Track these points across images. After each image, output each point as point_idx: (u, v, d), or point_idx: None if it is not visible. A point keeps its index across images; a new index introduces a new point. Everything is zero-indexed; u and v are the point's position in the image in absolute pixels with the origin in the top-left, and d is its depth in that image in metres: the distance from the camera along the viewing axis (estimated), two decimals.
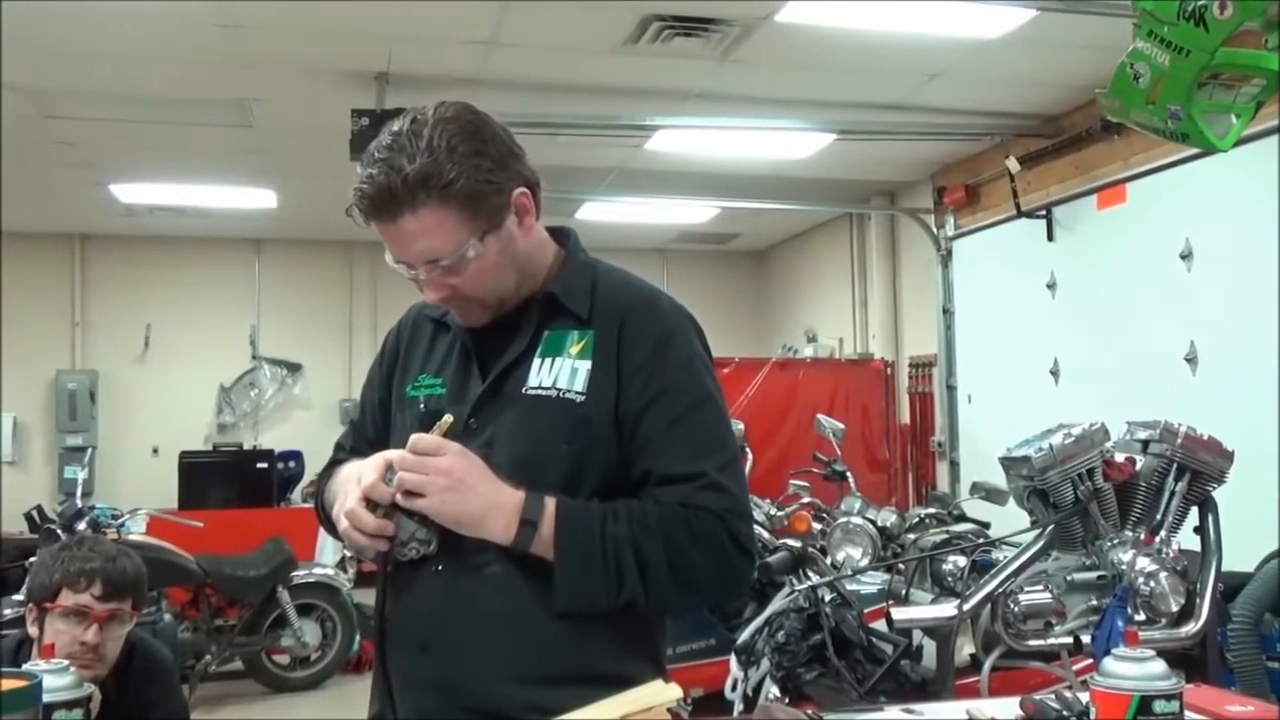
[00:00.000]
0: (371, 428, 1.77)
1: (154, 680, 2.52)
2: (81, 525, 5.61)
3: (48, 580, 2.35)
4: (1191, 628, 3.06)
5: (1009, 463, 3.27)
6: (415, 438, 1.51)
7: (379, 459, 1.54)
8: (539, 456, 1.54)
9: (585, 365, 1.56)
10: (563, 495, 1.52)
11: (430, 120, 1.49)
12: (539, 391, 1.56)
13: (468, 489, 1.48)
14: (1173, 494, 3.14)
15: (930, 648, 3.21)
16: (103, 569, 2.36)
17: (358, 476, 1.54)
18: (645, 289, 1.65)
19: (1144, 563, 3.06)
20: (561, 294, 1.61)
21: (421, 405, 1.64)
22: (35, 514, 6.00)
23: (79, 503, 5.96)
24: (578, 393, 1.55)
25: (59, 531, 5.49)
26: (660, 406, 1.55)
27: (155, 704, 2.50)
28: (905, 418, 8.80)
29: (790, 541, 3.68)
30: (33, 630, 2.39)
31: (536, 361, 1.58)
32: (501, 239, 1.54)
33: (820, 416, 5.81)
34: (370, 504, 1.50)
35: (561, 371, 1.56)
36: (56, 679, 1.36)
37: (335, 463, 1.79)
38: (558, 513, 1.50)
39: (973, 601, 3.01)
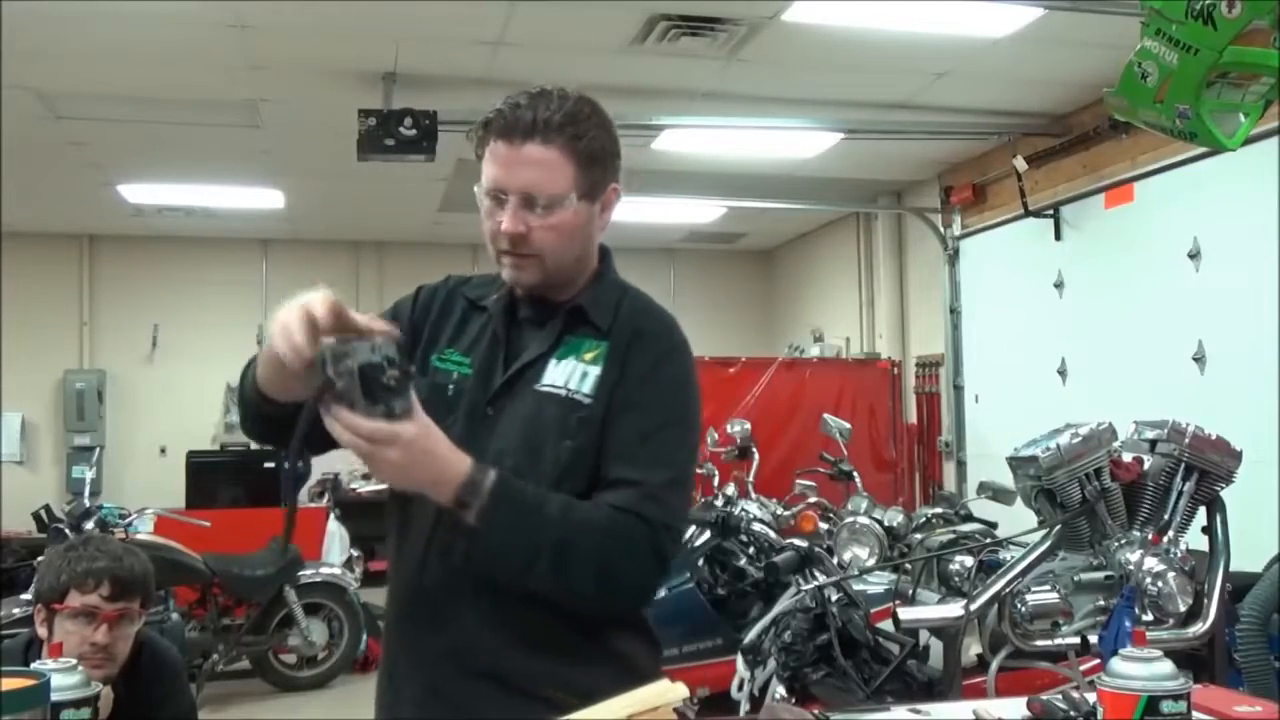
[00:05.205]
0: None
1: (163, 679, 2.52)
2: (89, 525, 5.62)
3: (55, 581, 2.34)
4: (1199, 628, 3.05)
5: (1016, 462, 3.27)
6: (372, 428, 1.42)
7: (329, 300, 1.54)
8: (540, 447, 1.61)
9: (596, 371, 1.64)
10: (511, 476, 1.54)
11: (572, 95, 1.64)
12: (549, 389, 1.64)
13: (416, 467, 1.47)
14: (1180, 494, 3.13)
15: (937, 648, 3.21)
16: (110, 569, 2.35)
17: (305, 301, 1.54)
18: (665, 316, 1.76)
19: (1151, 563, 3.05)
20: (589, 306, 1.70)
21: (451, 388, 1.67)
22: (43, 513, 6.02)
23: (87, 502, 5.98)
24: (585, 395, 1.63)
25: (67, 531, 5.50)
26: (635, 417, 1.62)
27: (164, 702, 2.49)
28: (912, 417, 8.79)
29: (797, 541, 3.68)
30: (41, 631, 2.38)
31: (553, 363, 1.67)
32: (589, 210, 1.68)
33: (827, 416, 5.81)
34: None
35: (574, 374, 1.65)
36: (64, 678, 1.36)
37: None
38: (494, 488, 1.51)
39: (980, 601, 3.00)
